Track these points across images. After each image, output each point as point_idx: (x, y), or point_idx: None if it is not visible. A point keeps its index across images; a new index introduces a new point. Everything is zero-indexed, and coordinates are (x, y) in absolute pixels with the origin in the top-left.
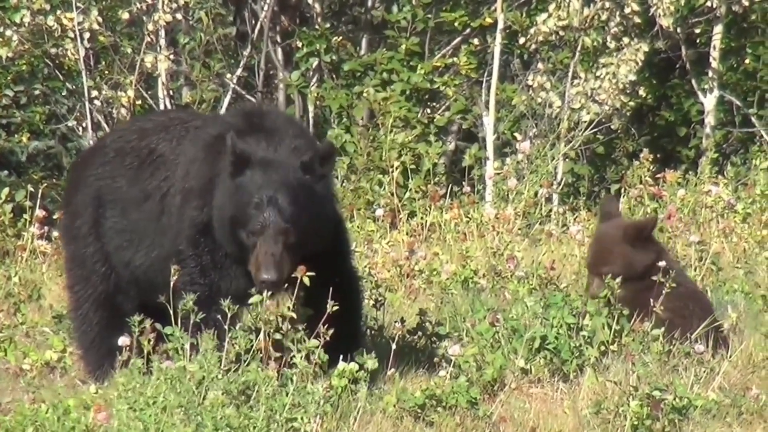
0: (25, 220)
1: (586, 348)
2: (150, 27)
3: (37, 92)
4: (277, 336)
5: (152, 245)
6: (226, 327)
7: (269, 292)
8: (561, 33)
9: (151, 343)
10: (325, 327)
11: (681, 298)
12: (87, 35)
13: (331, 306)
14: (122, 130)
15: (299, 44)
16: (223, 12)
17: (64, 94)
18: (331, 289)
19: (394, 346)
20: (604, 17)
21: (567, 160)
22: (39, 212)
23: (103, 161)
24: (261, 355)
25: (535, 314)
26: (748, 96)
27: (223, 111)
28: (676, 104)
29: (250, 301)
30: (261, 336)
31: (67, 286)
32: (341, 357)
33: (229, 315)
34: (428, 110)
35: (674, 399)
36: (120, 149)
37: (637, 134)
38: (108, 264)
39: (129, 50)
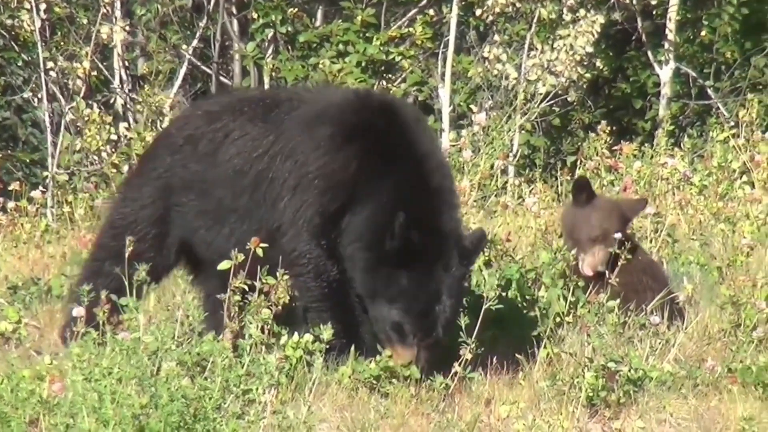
0: None
1: (542, 320)
2: None
3: None
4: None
5: (239, 221)
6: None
7: None
8: (517, 5)
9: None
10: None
11: (636, 270)
12: (43, 6)
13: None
14: (186, 117)
15: (255, 15)
16: None
17: (19, 65)
18: None
19: None
20: None
21: (523, 132)
22: None
23: (171, 150)
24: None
25: (491, 286)
26: (704, 68)
27: (179, 83)
28: (632, 76)
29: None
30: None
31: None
32: None
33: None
34: (384, 82)
35: (629, 371)
36: (189, 136)
37: (594, 106)
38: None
39: (85, 21)
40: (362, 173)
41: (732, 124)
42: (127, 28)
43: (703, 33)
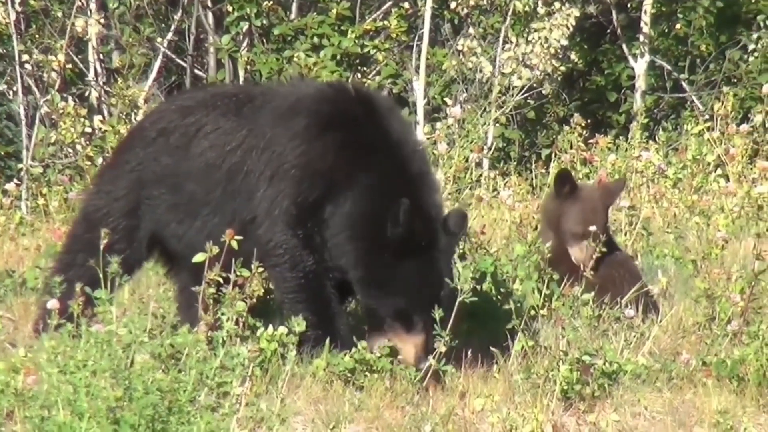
0: None
1: (516, 313)
2: None
3: None
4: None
5: (211, 214)
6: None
7: None
8: None
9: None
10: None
11: (612, 263)
12: None
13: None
14: (160, 111)
15: (230, 8)
16: None
17: None
18: None
19: None
20: None
21: (498, 125)
22: None
23: (144, 143)
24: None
25: (465, 279)
26: (679, 61)
27: (153, 75)
28: (607, 69)
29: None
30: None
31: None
32: None
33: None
34: (359, 75)
35: (604, 364)
36: (162, 129)
37: (568, 99)
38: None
39: (60, 14)
40: (341, 163)
41: (707, 117)
42: (102, 21)
43: (678, 26)
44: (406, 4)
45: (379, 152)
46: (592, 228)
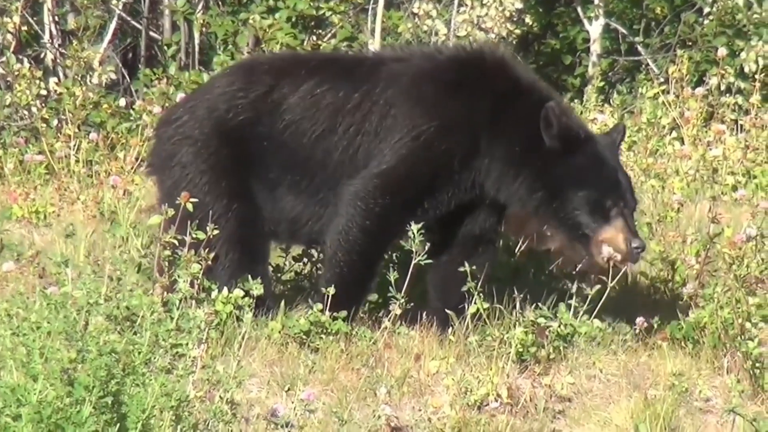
0: None
1: (472, 275)
2: None
3: None
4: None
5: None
6: None
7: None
8: None
9: None
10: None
11: None
12: None
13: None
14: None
15: None
16: None
17: None
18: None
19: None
20: None
21: None
22: None
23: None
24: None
25: (421, 241)
26: (633, 24)
27: (108, 38)
28: (561, 32)
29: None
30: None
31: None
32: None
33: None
34: (314, 37)
35: (559, 326)
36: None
37: (524, 62)
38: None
39: None
40: (481, 116)
41: (662, 80)
42: None
43: None
44: None
45: (504, 94)
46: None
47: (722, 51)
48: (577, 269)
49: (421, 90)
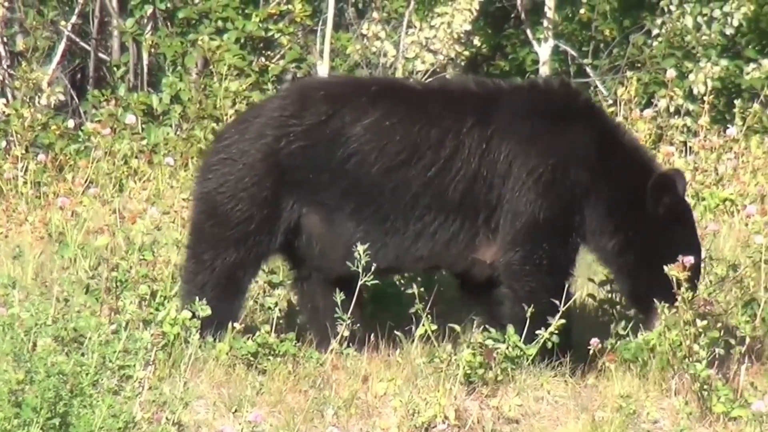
0: None
1: (420, 297)
2: None
3: None
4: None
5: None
6: None
7: None
8: None
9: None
10: None
11: None
12: None
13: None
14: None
15: None
16: None
17: None
18: None
19: None
20: None
21: None
22: None
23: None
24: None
25: (368, 262)
26: (583, 46)
27: (57, 59)
28: (511, 54)
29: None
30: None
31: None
32: None
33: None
34: (263, 59)
35: (507, 348)
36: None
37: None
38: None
39: None
40: (588, 156)
41: (610, 102)
42: (6, 3)
43: (582, 11)
44: None
45: (605, 135)
46: None
47: (671, 73)
48: None
49: (533, 128)
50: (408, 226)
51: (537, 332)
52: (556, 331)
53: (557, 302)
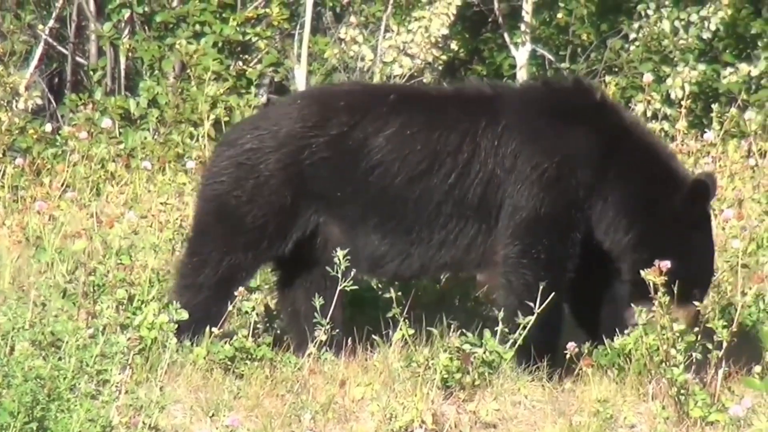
0: None
1: (397, 301)
2: None
3: None
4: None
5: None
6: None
7: None
8: None
9: None
10: None
11: None
12: None
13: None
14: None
15: None
16: None
17: None
18: None
19: None
20: None
21: None
22: None
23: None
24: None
25: (347, 267)
26: (560, 50)
27: (35, 63)
28: (488, 58)
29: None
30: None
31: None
32: None
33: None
34: (240, 63)
35: (484, 353)
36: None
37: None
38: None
39: None
40: (598, 153)
41: None
42: None
43: (559, 15)
44: None
45: (617, 133)
46: None
47: (648, 77)
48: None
49: (540, 125)
50: (432, 235)
51: (519, 322)
52: (540, 327)
53: (556, 297)
